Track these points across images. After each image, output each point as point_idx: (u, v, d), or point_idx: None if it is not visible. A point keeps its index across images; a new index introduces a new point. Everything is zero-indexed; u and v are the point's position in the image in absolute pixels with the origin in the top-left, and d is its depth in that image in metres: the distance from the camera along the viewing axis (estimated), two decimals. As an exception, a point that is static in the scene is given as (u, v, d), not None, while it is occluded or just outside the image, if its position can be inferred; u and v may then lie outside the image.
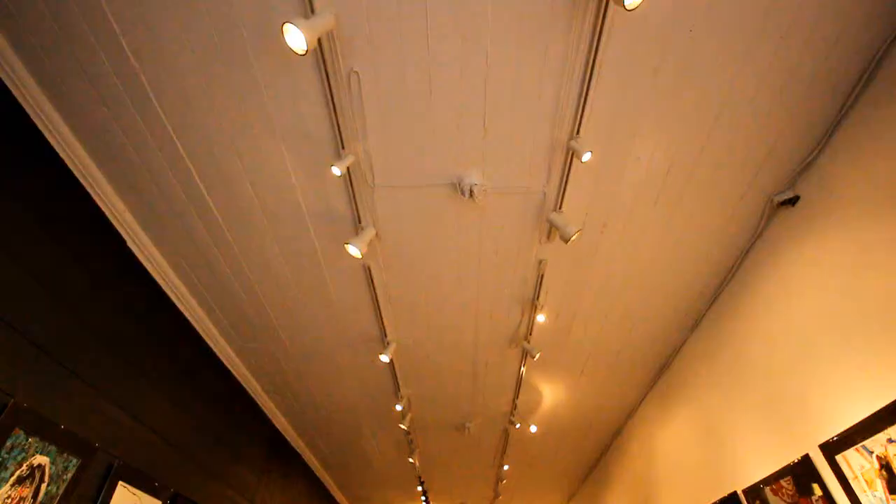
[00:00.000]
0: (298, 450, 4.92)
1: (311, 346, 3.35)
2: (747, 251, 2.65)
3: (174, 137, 1.99)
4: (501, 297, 2.89)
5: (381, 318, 3.01)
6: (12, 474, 1.64)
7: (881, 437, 1.80)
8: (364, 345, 3.29)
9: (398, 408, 3.91)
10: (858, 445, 1.89)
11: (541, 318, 2.89)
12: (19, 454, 1.67)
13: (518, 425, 4.22)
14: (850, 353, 2.00)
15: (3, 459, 1.62)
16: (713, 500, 2.96)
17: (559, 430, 4.69)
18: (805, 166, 2.22)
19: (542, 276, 2.66)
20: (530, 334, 3.16)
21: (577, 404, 4.24)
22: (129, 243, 2.36)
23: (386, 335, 3.15)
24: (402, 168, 2.12)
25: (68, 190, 2.07)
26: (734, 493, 2.75)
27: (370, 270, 2.66)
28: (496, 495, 6.39)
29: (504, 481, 5.76)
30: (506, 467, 5.31)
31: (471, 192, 2.11)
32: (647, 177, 2.21)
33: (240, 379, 3.56)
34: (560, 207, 2.27)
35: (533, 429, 4.32)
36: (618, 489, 4.93)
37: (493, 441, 4.97)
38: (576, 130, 1.96)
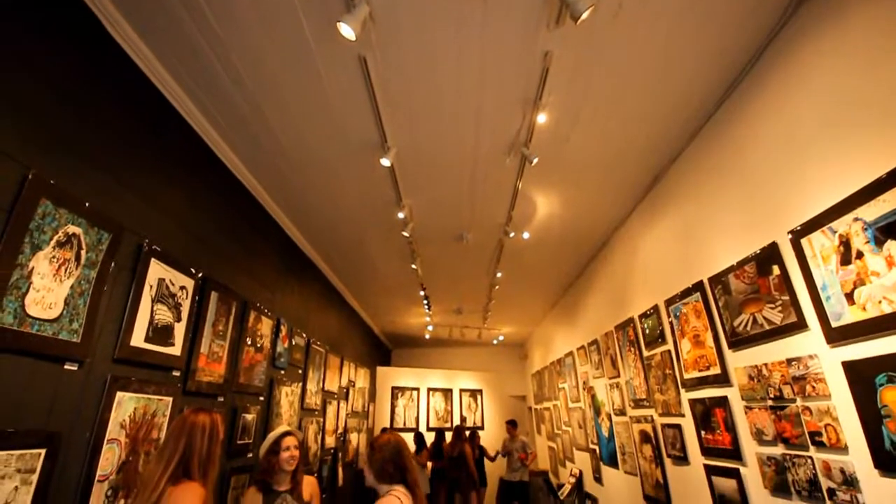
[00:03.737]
0: (312, 258, 5.36)
1: (313, 153, 3.37)
2: (765, 48, 2.47)
3: None
4: (503, 96, 2.79)
5: (381, 121, 2.96)
6: (51, 238, 1.81)
7: (848, 218, 1.94)
8: (365, 150, 3.31)
9: (400, 216, 4.14)
10: (825, 227, 2.05)
11: (541, 118, 2.84)
12: (52, 221, 1.82)
13: (512, 234, 4.51)
14: (842, 146, 2.02)
15: (39, 224, 1.77)
16: (679, 289, 3.35)
17: (550, 241, 5.04)
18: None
19: (547, 70, 2.53)
20: (530, 140, 3.15)
21: (569, 217, 4.47)
22: (118, 39, 2.19)
23: (386, 139, 3.14)
24: (396, -76, 1.84)
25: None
26: (700, 282, 3.09)
27: (366, 62, 2.52)
28: (489, 301, 7.19)
29: (497, 287, 6.41)
30: (499, 274, 5.86)
31: (474, -44, 1.86)
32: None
33: (249, 188, 3.68)
34: (573, -18, 2.03)
35: (525, 235, 4.63)
36: (597, 294, 5.53)
37: (488, 251, 5.38)
38: None
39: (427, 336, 9.99)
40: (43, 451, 1.73)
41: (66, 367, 1.88)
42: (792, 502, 2.31)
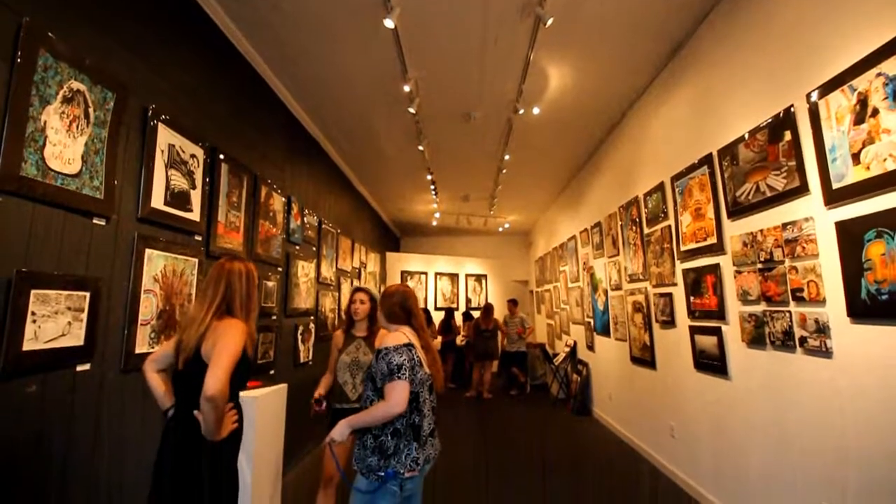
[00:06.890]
0: (318, 139, 5.28)
1: (311, 9, 3.15)
2: None
3: None
4: (517, -58, 2.53)
5: (382, -26, 2.73)
6: (57, 92, 1.81)
7: (871, 73, 1.87)
8: (367, 8, 3.08)
9: (406, 89, 3.99)
10: (846, 86, 1.99)
11: (559, -33, 2.59)
12: (55, 75, 1.80)
13: (522, 110, 4.37)
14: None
15: (43, 77, 1.75)
16: (687, 164, 3.33)
17: (560, 119, 4.89)
18: None
19: None
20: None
21: (582, 90, 4.28)
22: None
23: (388, -4, 2.92)
24: None
25: None
26: (708, 155, 3.06)
27: None
28: (496, 186, 7.20)
29: (504, 171, 6.37)
30: (507, 157, 5.79)
31: None
32: None
33: (248, 58, 3.51)
34: None
35: (535, 111, 4.48)
36: (604, 177, 5.50)
37: (496, 132, 5.25)
38: None
39: (434, 223, 10.19)
40: (87, 294, 1.92)
41: (94, 221, 1.99)
42: (765, 351, 2.56)
